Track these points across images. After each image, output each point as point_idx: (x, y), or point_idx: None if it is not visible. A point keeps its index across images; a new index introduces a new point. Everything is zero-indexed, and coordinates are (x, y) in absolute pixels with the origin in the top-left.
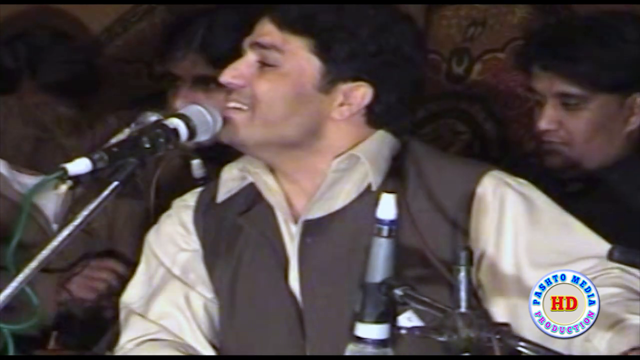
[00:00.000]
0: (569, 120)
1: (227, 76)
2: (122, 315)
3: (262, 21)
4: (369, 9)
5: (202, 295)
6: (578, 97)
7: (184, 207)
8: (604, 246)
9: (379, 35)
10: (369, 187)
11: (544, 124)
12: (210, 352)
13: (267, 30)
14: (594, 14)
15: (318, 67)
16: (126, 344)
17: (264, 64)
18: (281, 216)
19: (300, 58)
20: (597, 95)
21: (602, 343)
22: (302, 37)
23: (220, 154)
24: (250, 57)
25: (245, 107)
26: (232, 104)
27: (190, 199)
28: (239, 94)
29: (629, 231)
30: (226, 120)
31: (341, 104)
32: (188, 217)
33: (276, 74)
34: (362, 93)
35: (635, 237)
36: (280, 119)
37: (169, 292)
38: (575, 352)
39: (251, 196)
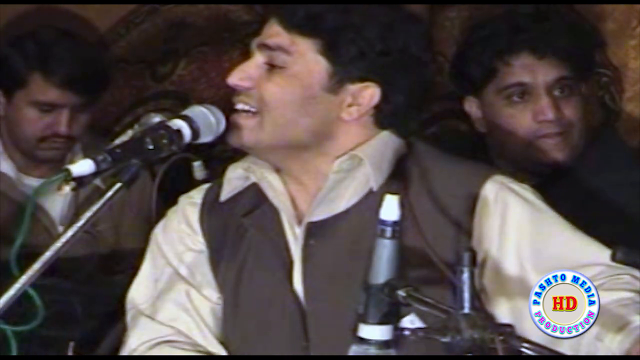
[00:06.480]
0: (565, 107)
1: (235, 78)
2: (129, 315)
3: (269, 22)
4: (375, 8)
5: (209, 297)
6: (574, 80)
7: (190, 204)
8: (607, 253)
9: (386, 35)
10: (372, 188)
11: (551, 114)
12: (221, 351)
13: (274, 32)
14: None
15: (326, 67)
16: (139, 346)
17: (271, 66)
18: (285, 218)
19: (308, 59)
20: (582, 79)
21: (613, 343)
22: (310, 38)
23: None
24: (258, 59)
25: (253, 110)
26: (239, 106)
27: (197, 195)
28: (247, 95)
29: (593, 225)
30: (235, 125)
31: (350, 105)
32: (194, 215)
33: (284, 75)
34: (370, 93)
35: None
36: (290, 121)
37: (176, 293)
38: (585, 351)
39: (256, 196)
